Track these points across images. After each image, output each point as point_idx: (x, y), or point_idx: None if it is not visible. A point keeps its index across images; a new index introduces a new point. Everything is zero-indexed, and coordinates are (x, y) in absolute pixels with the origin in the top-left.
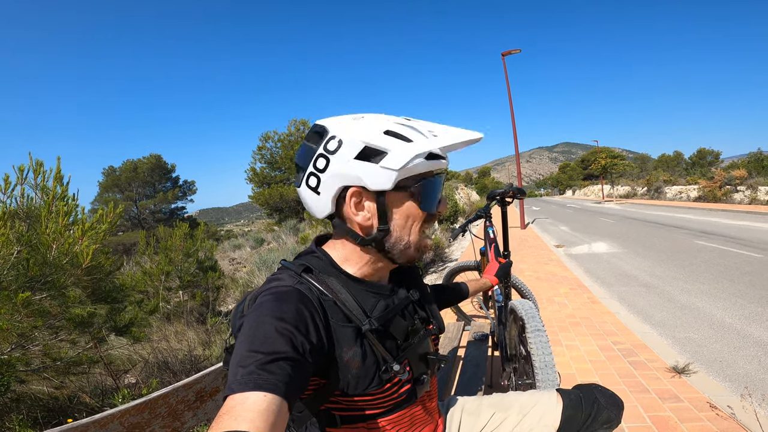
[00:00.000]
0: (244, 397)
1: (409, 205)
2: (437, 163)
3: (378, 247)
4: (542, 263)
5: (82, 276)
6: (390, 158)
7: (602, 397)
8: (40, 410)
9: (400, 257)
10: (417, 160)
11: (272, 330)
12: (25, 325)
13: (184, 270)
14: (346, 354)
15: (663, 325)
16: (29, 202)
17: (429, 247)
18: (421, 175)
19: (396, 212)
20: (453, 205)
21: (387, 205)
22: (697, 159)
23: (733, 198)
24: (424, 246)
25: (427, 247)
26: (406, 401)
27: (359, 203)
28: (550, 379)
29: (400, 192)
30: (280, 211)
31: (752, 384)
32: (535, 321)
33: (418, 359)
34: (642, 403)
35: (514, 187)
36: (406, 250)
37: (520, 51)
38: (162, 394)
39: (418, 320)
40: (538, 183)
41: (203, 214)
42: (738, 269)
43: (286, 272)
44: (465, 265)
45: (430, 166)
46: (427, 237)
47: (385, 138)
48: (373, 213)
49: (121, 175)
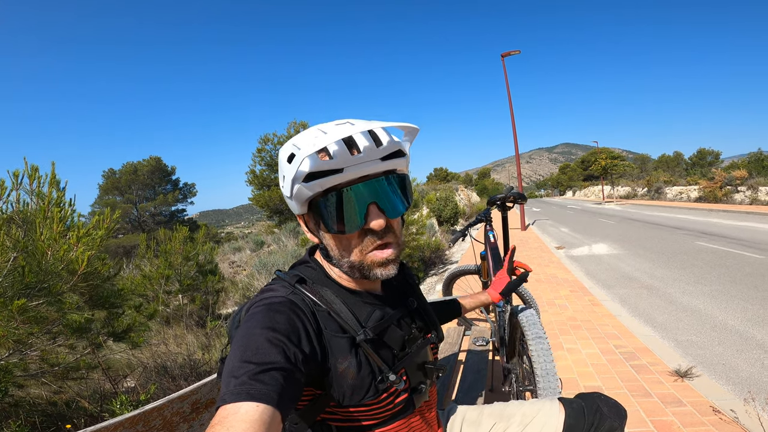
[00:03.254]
0: (236, 408)
1: (322, 227)
2: (322, 182)
3: (332, 263)
4: (543, 265)
5: (78, 282)
6: (285, 185)
7: (605, 406)
8: (38, 415)
9: (354, 275)
10: (296, 187)
11: (264, 340)
12: (21, 332)
13: (183, 273)
14: (341, 364)
15: (665, 327)
16: (25, 208)
17: (378, 264)
18: (311, 198)
19: (320, 231)
20: (453, 207)
21: (308, 223)
22: (697, 159)
23: (734, 198)
24: (371, 264)
25: (375, 264)
26: (404, 411)
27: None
28: (552, 387)
29: (311, 213)
30: (280, 213)
31: (755, 387)
32: (537, 328)
33: (415, 368)
34: (644, 408)
35: (515, 191)
36: (353, 269)
37: (519, 52)
38: (156, 406)
39: (415, 329)
40: (538, 184)
41: (203, 216)
42: (740, 270)
43: (279, 283)
44: (465, 268)
45: (313, 187)
46: (374, 253)
47: (284, 162)
48: (306, 231)
49: (121, 177)
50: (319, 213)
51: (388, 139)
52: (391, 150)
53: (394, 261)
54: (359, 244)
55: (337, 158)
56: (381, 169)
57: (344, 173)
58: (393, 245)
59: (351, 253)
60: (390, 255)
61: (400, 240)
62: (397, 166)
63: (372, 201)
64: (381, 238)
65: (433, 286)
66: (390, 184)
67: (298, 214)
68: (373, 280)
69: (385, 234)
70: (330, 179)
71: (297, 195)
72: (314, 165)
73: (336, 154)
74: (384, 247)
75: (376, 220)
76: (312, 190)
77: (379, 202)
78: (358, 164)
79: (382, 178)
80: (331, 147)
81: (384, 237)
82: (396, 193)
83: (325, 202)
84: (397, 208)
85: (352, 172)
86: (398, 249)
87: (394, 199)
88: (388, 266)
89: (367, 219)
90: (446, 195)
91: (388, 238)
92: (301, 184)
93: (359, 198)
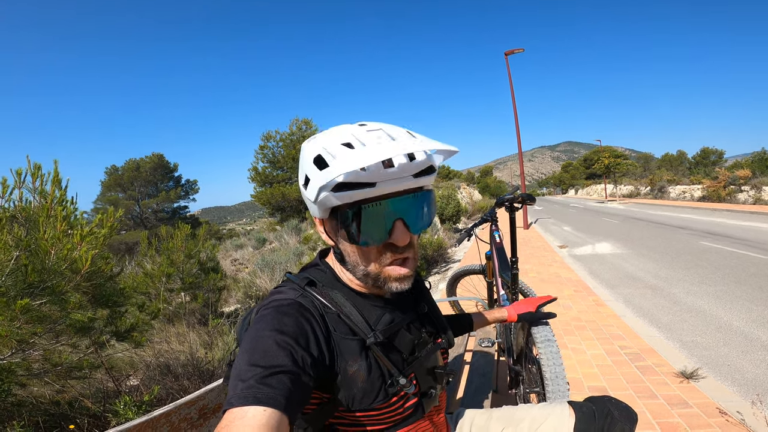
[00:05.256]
0: (243, 411)
1: (342, 235)
2: (352, 195)
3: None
4: (546, 264)
5: (82, 282)
6: (309, 188)
7: (616, 409)
8: (41, 415)
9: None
10: (323, 194)
11: (272, 343)
12: (24, 332)
13: (185, 271)
14: (351, 367)
15: (669, 328)
16: (28, 206)
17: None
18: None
19: (339, 238)
20: (455, 205)
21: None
22: (701, 158)
23: (738, 198)
24: (388, 277)
25: (391, 278)
26: (413, 416)
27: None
28: (561, 390)
29: (333, 219)
30: (282, 210)
31: (761, 389)
32: (545, 330)
33: (425, 373)
34: (650, 410)
35: (523, 193)
36: (368, 278)
37: (523, 50)
38: (164, 412)
39: (425, 333)
40: (541, 182)
41: (205, 213)
42: (744, 271)
43: (289, 285)
44: (470, 268)
45: (342, 198)
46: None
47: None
48: (322, 232)
49: (124, 174)
50: (343, 222)
51: (423, 156)
52: (424, 167)
53: (410, 277)
54: (379, 257)
55: (371, 172)
56: (412, 185)
57: (376, 188)
58: (411, 260)
59: (369, 264)
60: (408, 273)
61: (417, 255)
62: (427, 182)
63: (399, 217)
64: (401, 252)
65: (436, 284)
66: (417, 201)
67: (318, 217)
68: (387, 291)
69: (406, 249)
70: (361, 192)
71: (322, 202)
72: (348, 177)
73: (370, 169)
74: (403, 263)
75: (401, 236)
76: (341, 200)
77: (405, 218)
78: (391, 180)
79: (411, 195)
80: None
81: (404, 252)
82: (422, 209)
83: (352, 214)
84: (422, 225)
85: (384, 188)
86: (415, 264)
87: (419, 215)
88: (404, 281)
89: (391, 234)
90: (448, 193)
91: (408, 253)
92: (329, 193)
93: (387, 213)
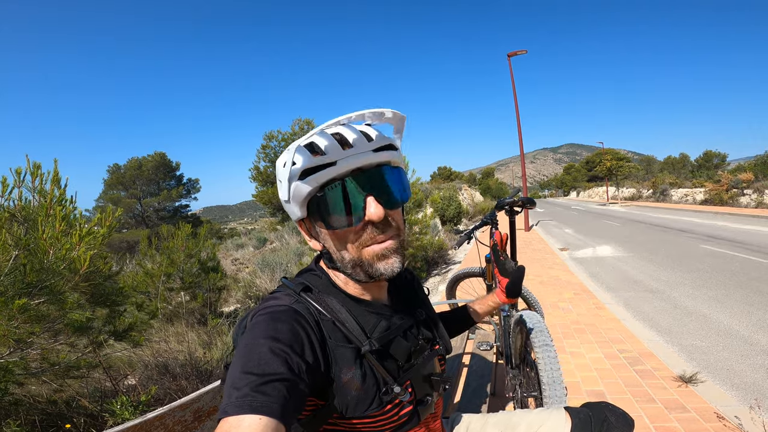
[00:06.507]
0: (238, 420)
1: (320, 225)
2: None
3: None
4: (546, 267)
5: (80, 282)
6: (282, 188)
7: (612, 416)
8: (38, 414)
9: (358, 275)
10: (293, 185)
11: (266, 350)
12: (22, 331)
13: (186, 271)
14: (345, 375)
15: (669, 332)
16: (27, 205)
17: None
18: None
19: (321, 233)
20: (456, 207)
21: (310, 229)
22: (703, 161)
23: (740, 201)
24: (371, 258)
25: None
26: (408, 423)
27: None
28: (558, 395)
29: (310, 215)
30: (282, 210)
31: (760, 394)
32: (543, 335)
33: (421, 380)
34: (648, 414)
35: (524, 197)
36: (356, 268)
37: (526, 52)
38: (158, 414)
39: (422, 340)
40: (543, 184)
41: (207, 212)
42: (745, 275)
43: (284, 291)
44: (469, 271)
45: (310, 182)
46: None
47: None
48: (307, 235)
49: (126, 172)
50: (318, 211)
51: (377, 134)
52: (382, 144)
53: (395, 252)
54: (357, 239)
55: (330, 153)
56: (375, 160)
57: (338, 165)
58: (393, 237)
59: (350, 248)
60: (389, 245)
61: (402, 233)
62: (391, 158)
63: (369, 192)
64: (381, 231)
65: (436, 286)
66: (386, 176)
67: (298, 219)
68: (378, 277)
69: (386, 228)
70: (325, 173)
71: (294, 194)
72: (308, 162)
73: (328, 149)
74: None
75: (374, 210)
76: (309, 185)
77: (376, 193)
78: (351, 156)
79: (378, 170)
80: (321, 141)
81: (385, 231)
82: (393, 184)
83: (323, 198)
84: (394, 199)
85: (346, 164)
86: (399, 241)
87: (390, 190)
88: (389, 258)
89: (365, 211)
90: (450, 194)
91: (389, 233)
92: (297, 182)
93: (356, 190)
